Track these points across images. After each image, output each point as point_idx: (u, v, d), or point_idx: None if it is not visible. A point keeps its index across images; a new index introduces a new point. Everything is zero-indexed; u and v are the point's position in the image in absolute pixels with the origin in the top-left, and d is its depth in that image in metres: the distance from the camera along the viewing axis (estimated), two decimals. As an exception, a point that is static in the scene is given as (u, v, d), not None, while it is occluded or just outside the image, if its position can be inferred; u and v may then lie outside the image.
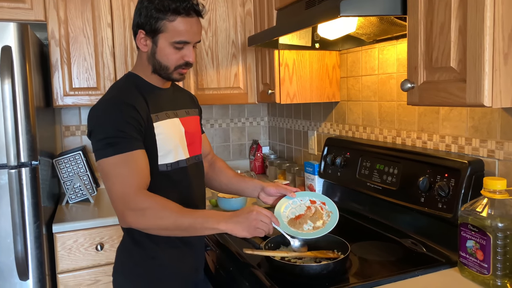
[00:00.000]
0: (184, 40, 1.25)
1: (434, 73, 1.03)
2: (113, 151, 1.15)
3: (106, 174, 1.17)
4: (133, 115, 1.20)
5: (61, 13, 2.05)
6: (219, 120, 2.78)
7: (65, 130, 2.44)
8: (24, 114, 1.66)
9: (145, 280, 1.30)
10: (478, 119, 1.34)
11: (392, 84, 1.69)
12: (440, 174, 1.34)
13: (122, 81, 1.34)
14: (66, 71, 2.09)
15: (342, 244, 1.30)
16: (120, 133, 1.17)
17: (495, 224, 1.06)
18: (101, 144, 1.17)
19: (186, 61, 1.29)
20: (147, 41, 1.27)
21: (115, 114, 1.19)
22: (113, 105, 1.22)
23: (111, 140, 1.16)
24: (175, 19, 1.23)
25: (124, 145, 1.16)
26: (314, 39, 1.83)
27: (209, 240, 1.62)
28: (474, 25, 0.90)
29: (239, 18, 2.18)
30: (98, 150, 1.18)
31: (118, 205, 1.15)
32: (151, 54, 1.28)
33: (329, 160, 1.91)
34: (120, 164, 1.16)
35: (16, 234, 1.63)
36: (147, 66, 1.31)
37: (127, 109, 1.21)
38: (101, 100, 1.26)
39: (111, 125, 1.18)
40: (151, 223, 1.14)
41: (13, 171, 1.62)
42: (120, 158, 1.16)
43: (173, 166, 1.31)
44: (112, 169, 1.16)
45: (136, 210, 1.13)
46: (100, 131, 1.18)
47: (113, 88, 1.31)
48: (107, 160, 1.16)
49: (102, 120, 1.20)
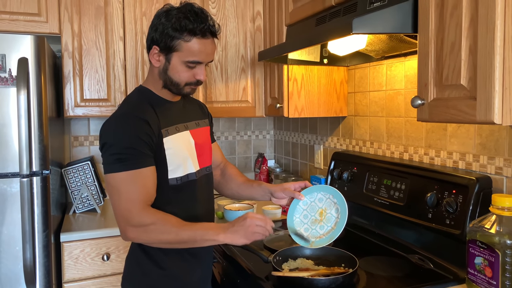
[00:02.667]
0: (198, 61, 1.27)
1: (444, 90, 1.05)
2: (122, 167, 1.17)
3: (112, 189, 1.19)
4: (146, 131, 1.22)
5: (75, 26, 2.10)
6: (225, 133, 2.81)
7: (74, 140, 2.47)
8: (38, 124, 1.69)
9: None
10: (485, 136, 1.35)
11: (400, 100, 1.71)
12: (448, 190, 1.35)
13: (135, 95, 1.35)
14: (78, 83, 2.13)
15: (350, 259, 1.31)
16: (131, 150, 1.19)
17: (504, 241, 1.07)
18: (111, 158, 1.19)
19: (197, 80, 1.31)
20: (160, 57, 1.28)
21: (128, 129, 1.21)
22: (126, 120, 1.23)
23: (122, 156, 1.18)
24: (191, 40, 1.24)
25: (133, 161, 1.18)
26: (323, 54, 1.86)
27: (216, 252, 1.63)
28: (484, 45, 0.92)
29: (249, 34, 2.21)
30: (108, 164, 1.20)
31: (121, 221, 1.18)
32: (162, 70, 1.29)
33: (336, 175, 1.92)
34: (127, 181, 1.18)
35: (26, 242, 1.64)
36: (158, 81, 1.32)
37: (140, 124, 1.22)
38: (114, 115, 1.27)
39: (123, 140, 1.19)
40: (153, 238, 1.18)
41: (25, 179, 1.63)
42: (128, 174, 1.18)
43: (183, 179, 1.32)
44: (119, 185, 1.18)
45: (138, 227, 1.17)
46: (111, 145, 1.19)
47: (126, 103, 1.32)
48: (115, 175, 1.18)
49: (115, 135, 1.21)
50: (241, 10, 2.21)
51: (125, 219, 1.17)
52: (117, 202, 1.18)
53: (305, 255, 1.39)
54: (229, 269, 1.46)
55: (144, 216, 1.17)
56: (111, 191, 1.20)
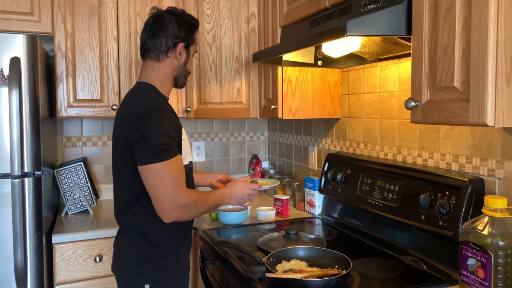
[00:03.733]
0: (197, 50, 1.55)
1: (438, 93, 1.05)
2: (167, 156, 1.30)
3: (157, 177, 1.29)
4: (176, 122, 1.38)
5: (68, 26, 2.09)
6: (219, 134, 2.80)
7: (66, 141, 2.45)
8: (30, 124, 1.68)
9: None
10: (478, 138, 1.36)
11: (393, 102, 1.72)
12: (441, 191, 1.36)
13: (150, 91, 1.43)
14: (71, 83, 2.11)
15: (344, 260, 1.31)
16: (171, 139, 1.33)
17: (496, 243, 1.08)
18: (155, 149, 1.29)
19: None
20: (183, 54, 1.46)
21: (165, 122, 1.33)
22: (161, 113, 1.35)
23: (164, 147, 1.30)
24: (196, 33, 1.50)
25: (173, 149, 1.33)
26: (317, 56, 1.87)
27: (210, 254, 1.62)
28: (477, 47, 0.93)
29: (243, 35, 2.21)
30: (150, 155, 1.29)
31: (167, 205, 1.30)
32: (183, 63, 1.48)
33: (329, 176, 1.92)
34: (172, 168, 1.31)
35: (17, 244, 1.63)
36: (169, 75, 1.46)
37: (172, 117, 1.38)
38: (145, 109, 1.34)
39: (164, 132, 1.32)
40: (194, 213, 1.39)
41: (17, 180, 1.62)
42: (172, 162, 1.31)
43: (187, 167, 1.48)
44: (166, 172, 1.30)
45: (185, 206, 1.33)
46: (153, 137, 1.30)
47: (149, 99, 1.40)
48: (162, 164, 1.29)
49: (154, 127, 1.31)
50: (236, 11, 2.21)
51: (172, 201, 1.30)
52: (165, 188, 1.30)
53: (298, 256, 1.39)
54: (223, 271, 1.46)
55: (188, 195, 1.34)
56: (156, 180, 1.30)
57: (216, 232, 1.79)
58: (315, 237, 1.66)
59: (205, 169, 2.77)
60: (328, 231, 1.82)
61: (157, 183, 1.30)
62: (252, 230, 1.84)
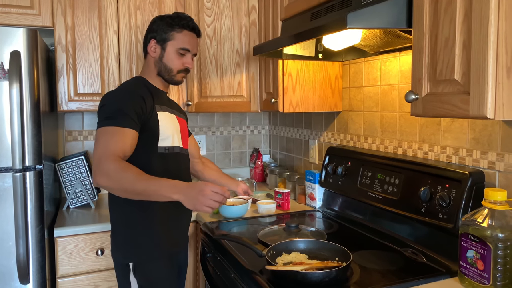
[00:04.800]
0: (187, 48, 1.58)
1: (438, 85, 1.05)
2: (108, 123, 1.37)
3: (96, 140, 1.37)
4: (139, 103, 1.43)
5: (68, 20, 2.08)
6: (220, 128, 2.80)
7: (67, 135, 2.45)
8: (31, 118, 1.68)
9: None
10: (479, 131, 1.36)
11: (394, 95, 1.72)
12: (441, 184, 1.36)
13: (133, 80, 1.60)
14: (72, 77, 2.11)
15: (344, 253, 1.31)
16: (121, 112, 1.38)
17: (496, 235, 1.08)
18: (103, 117, 1.39)
19: (186, 67, 1.59)
20: (156, 48, 1.58)
21: (123, 97, 1.44)
22: (126, 92, 1.48)
23: (111, 115, 1.38)
24: (182, 31, 1.57)
25: (119, 121, 1.36)
26: (318, 49, 1.86)
27: (210, 246, 1.63)
28: (478, 40, 0.92)
29: (244, 28, 2.21)
30: (99, 122, 1.40)
31: (93, 166, 1.32)
32: (158, 58, 1.57)
33: (330, 169, 1.92)
34: (108, 134, 1.35)
35: (19, 238, 1.64)
36: (153, 70, 1.59)
37: (135, 96, 1.44)
38: (117, 88, 1.53)
39: (116, 104, 1.41)
40: (113, 184, 1.28)
41: (18, 174, 1.62)
42: (110, 129, 1.36)
43: (170, 150, 1.54)
44: (100, 137, 1.36)
45: (104, 172, 1.28)
46: (106, 107, 1.41)
47: (124, 84, 1.57)
48: (101, 129, 1.37)
49: (111, 100, 1.44)
50: (236, 4, 2.20)
51: (96, 164, 1.30)
52: (95, 151, 1.34)
53: (299, 249, 1.40)
54: (223, 263, 1.47)
55: (111, 163, 1.29)
56: (95, 143, 1.37)
57: (217, 225, 1.79)
58: (315, 230, 1.67)
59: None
60: (328, 224, 1.83)
61: (95, 144, 1.36)
62: (253, 223, 1.85)
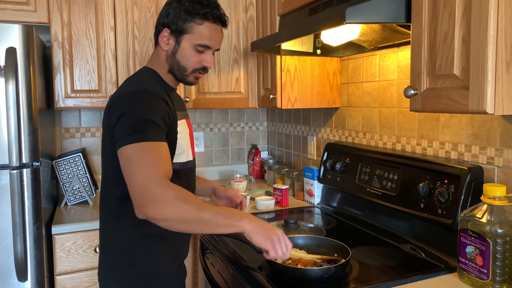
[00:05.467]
0: (207, 45, 1.29)
1: (437, 80, 1.04)
2: (142, 138, 1.10)
3: (129, 160, 1.09)
4: (165, 109, 1.20)
5: (64, 16, 2.06)
6: (218, 124, 2.79)
7: (64, 132, 2.44)
8: (27, 115, 1.67)
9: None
10: (478, 126, 1.36)
11: (392, 91, 1.71)
12: (440, 180, 1.36)
13: (145, 75, 1.32)
14: (68, 73, 2.10)
15: (343, 249, 1.31)
16: (151, 122, 1.13)
17: (495, 230, 1.08)
18: (130, 130, 1.11)
19: (204, 66, 1.32)
20: (169, 40, 1.29)
21: (148, 104, 1.17)
22: (147, 96, 1.19)
23: (141, 128, 1.11)
24: (203, 23, 1.27)
25: (153, 133, 1.12)
26: (316, 45, 1.85)
27: (208, 244, 1.63)
28: (477, 34, 0.92)
29: (241, 24, 2.19)
30: (125, 135, 1.11)
31: (138, 194, 1.05)
32: (171, 53, 1.30)
33: (328, 165, 1.92)
34: (147, 151, 1.09)
35: (16, 235, 1.63)
36: (164, 65, 1.33)
37: (160, 102, 1.20)
38: (129, 90, 1.22)
39: (144, 112, 1.14)
40: (172, 213, 1.04)
41: (15, 171, 1.61)
42: (148, 145, 1.10)
43: (184, 165, 1.32)
44: (138, 155, 1.08)
45: (157, 197, 1.04)
46: (132, 117, 1.13)
47: (137, 82, 1.28)
48: (134, 145, 1.09)
49: (134, 107, 1.15)
50: (234, 0, 2.19)
51: (144, 190, 1.04)
52: (135, 173, 1.06)
53: (298, 245, 1.39)
54: (222, 260, 1.46)
55: (165, 186, 1.05)
56: (128, 164, 1.09)
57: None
58: (314, 226, 1.67)
59: (205, 160, 2.77)
60: (327, 220, 1.83)
61: (130, 167, 1.08)
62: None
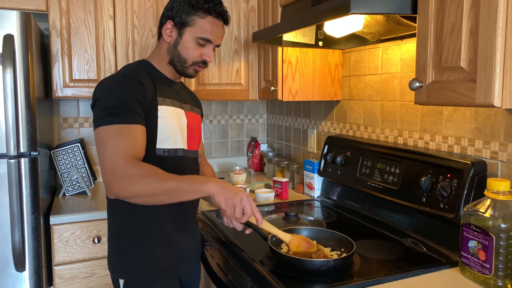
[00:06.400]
0: (208, 38, 1.32)
1: (443, 73, 1.03)
2: (112, 121, 1.15)
3: (100, 143, 1.16)
4: (139, 92, 1.22)
5: (63, 4, 2.03)
6: (218, 116, 2.77)
7: (63, 122, 2.42)
8: (25, 104, 1.65)
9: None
10: (482, 120, 1.34)
11: (395, 84, 1.70)
12: (443, 174, 1.35)
13: (134, 64, 1.38)
14: (67, 62, 2.07)
15: (347, 242, 1.30)
16: (124, 105, 1.17)
17: (498, 225, 1.07)
18: (103, 112, 1.17)
19: (203, 59, 1.35)
20: (172, 32, 1.33)
21: (122, 87, 1.21)
22: (122, 79, 1.23)
23: (114, 110, 1.16)
24: (206, 17, 1.31)
25: (125, 116, 1.17)
26: (318, 37, 1.83)
27: (209, 236, 1.62)
28: (486, 26, 0.90)
29: (242, 14, 2.17)
30: (99, 118, 1.17)
31: (107, 175, 1.12)
32: (173, 44, 1.33)
33: (329, 159, 1.91)
34: (117, 134, 1.15)
35: (14, 225, 1.61)
36: (165, 56, 1.36)
37: (135, 84, 1.23)
38: (110, 76, 1.28)
39: (116, 96, 1.19)
40: (139, 190, 1.10)
41: (12, 161, 1.60)
42: (118, 128, 1.15)
43: (170, 152, 1.32)
44: (107, 137, 1.15)
45: (123, 178, 1.10)
46: (105, 100, 1.18)
47: (123, 68, 1.34)
48: (105, 128, 1.15)
49: (108, 91, 1.20)
50: (235, -10, 2.16)
51: (111, 171, 1.11)
52: (104, 155, 1.13)
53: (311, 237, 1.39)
54: (223, 252, 1.45)
55: (130, 166, 1.11)
56: (99, 145, 1.16)
57: (215, 214, 1.78)
58: (314, 219, 1.66)
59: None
60: (327, 213, 1.82)
61: (100, 149, 1.15)
62: (251, 212, 1.83)
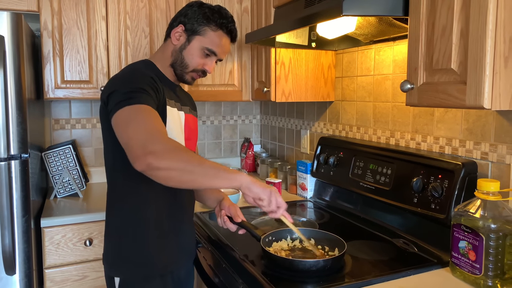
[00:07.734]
0: (214, 51, 1.36)
1: (434, 75, 1.04)
2: (137, 101, 1.11)
3: (127, 120, 1.09)
4: (155, 84, 1.22)
5: (54, 4, 2.02)
6: (211, 117, 2.77)
7: (54, 123, 2.40)
8: (16, 105, 1.63)
9: None
10: (472, 121, 1.36)
11: (387, 85, 1.71)
12: (434, 175, 1.36)
13: (140, 63, 1.39)
14: (58, 63, 2.05)
15: (338, 242, 1.31)
16: (143, 90, 1.15)
17: (488, 225, 1.08)
18: (124, 96, 1.12)
19: (204, 69, 1.39)
20: (181, 37, 1.36)
21: (139, 77, 1.20)
22: (135, 73, 1.23)
23: (133, 94, 1.12)
24: (217, 31, 1.36)
25: (145, 98, 1.13)
26: (311, 38, 1.83)
27: (201, 237, 1.62)
28: (476, 28, 0.91)
29: (235, 15, 2.16)
30: (120, 102, 1.11)
31: (138, 147, 1.04)
32: (179, 48, 1.36)
33: (322, 159, 1.91)
34: (144, 112, 1.10)
35: (4, 228, 1.60)
36: (168, 58, 1.38)
37: (149, 78, 1.22)
38: (119, 72, 1.27)
39: (135, 83, 1.17)
40: (175, 163, 1.04)
41: (3, 163, 1.58)
42: (144, 107, 1.11)
43: None
44: (136, 115, 1.09)
45: (160, 150, 1.03)
46: (124, 86, 1.15)
47: (131, 65, 1.34)
48: (131, 107, 1.10)
49: (127, 79, 1.19)
50: (228, -9, 2.16)
51: (145, 142, 1.03)
52: (135, 130, 1.06)
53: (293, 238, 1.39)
54: (215, 254, 1.45)
55: (167, 139, 1.07)
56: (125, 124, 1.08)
57: (208, 216, 1.78)
58: (307, 220, 1.66)
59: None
60: (320, 214, 1.82)
61: (128, 127, 1.08)
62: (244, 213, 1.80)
